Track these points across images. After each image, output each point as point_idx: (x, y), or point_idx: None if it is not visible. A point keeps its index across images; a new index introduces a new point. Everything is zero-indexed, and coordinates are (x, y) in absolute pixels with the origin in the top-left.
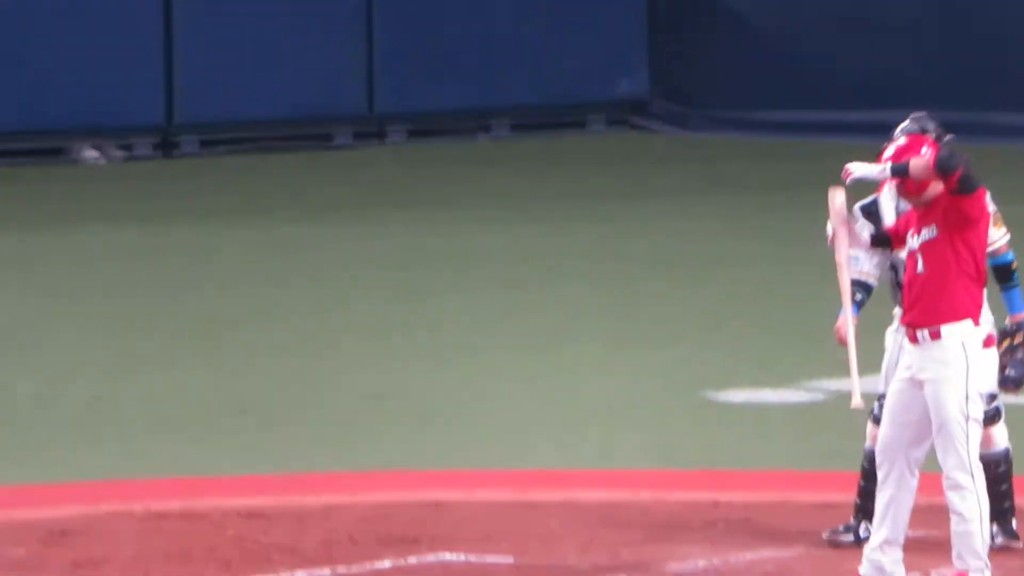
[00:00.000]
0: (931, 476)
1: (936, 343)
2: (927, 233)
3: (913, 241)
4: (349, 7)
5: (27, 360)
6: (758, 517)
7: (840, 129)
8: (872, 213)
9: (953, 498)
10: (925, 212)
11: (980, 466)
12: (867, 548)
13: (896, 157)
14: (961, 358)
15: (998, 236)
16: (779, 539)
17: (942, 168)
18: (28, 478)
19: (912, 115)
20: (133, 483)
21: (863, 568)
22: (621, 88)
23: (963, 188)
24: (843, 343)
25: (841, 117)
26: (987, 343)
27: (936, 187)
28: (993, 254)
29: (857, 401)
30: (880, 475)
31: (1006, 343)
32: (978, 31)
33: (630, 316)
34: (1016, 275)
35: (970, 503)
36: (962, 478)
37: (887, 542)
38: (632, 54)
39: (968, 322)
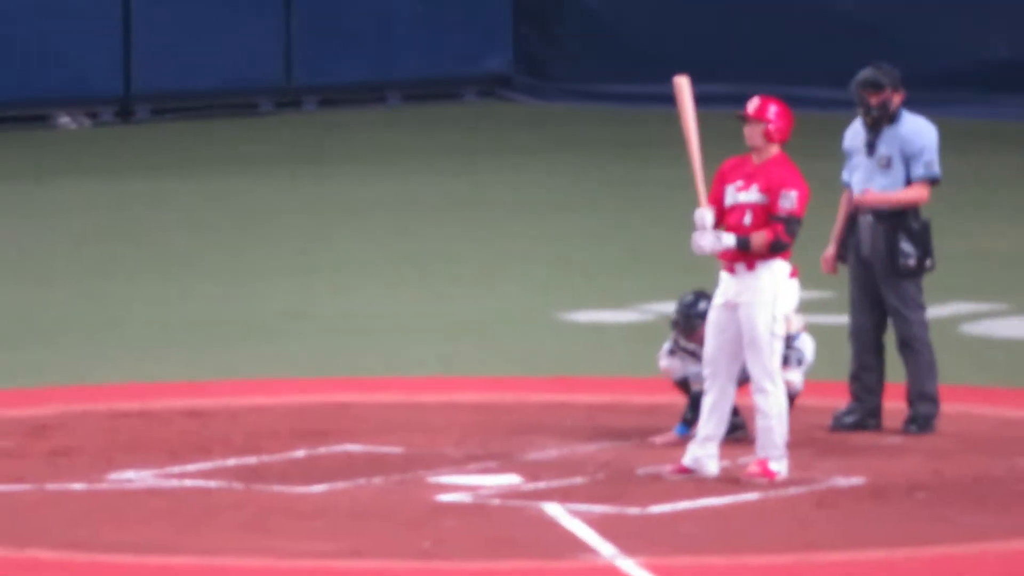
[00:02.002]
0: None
1: (751, 273)
2: (756, 194)
3: (741, 196)
4: None
5: (9, 283)
6: (600, 416)
7: (666, 99)
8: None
9: (759, 400)
10: (752, 173)
11: (781, 374)
12: (691, 443)
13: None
14: (771, 286)
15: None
16: (617, 434)
17: (775, 250)
18: (12, 383)
19: (872, 64)
20: (98, 388)
21: (685, 459)
22: (489, 65)
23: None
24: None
25: (666, 89)
26: (792, 274)
27: (770, 150)
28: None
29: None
30: (706, 384)
31: None
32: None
33: (495, 250)
34: None
35: (771, 403)
36: (767, 384)
37: (707, 438)
38: (498, 37)
39: (778, 259)
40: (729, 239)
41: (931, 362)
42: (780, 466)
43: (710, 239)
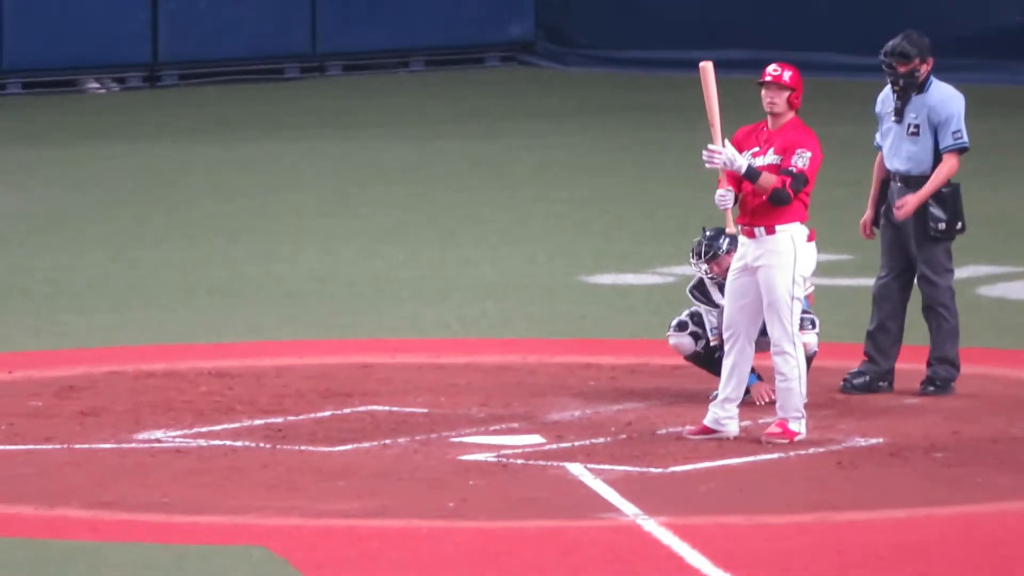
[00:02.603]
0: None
1: (771, 237)
2: (771, 156)
3: (759, 160)
4: None
5: (41, 246)
6: (622, 377)
7: (687, 64)
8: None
9: (779, 361)
10: (769, 137)
11: (800, 336)
12: (712, 404)
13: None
14: (790, 249)
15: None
16: (639, 394)
17: (775, 199)
18: (43, 345)
19: (902, 33)
20: (126, 349)
21: (707, 419)
22: (512, 32)
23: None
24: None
25: (687, 55)
26: (809, 237)
27: (788, 115)
28: None
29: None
30: (726, 347)
31: None
32: None
33: (517, 213)
34: None
35: (791, 365)
36: (786, 345)
37: (727, 399)
38: (521, 4)
39: (796, 222)
40: (741, 159)
41: (954, 327)
42: (800, 426)
43: (728, 153)
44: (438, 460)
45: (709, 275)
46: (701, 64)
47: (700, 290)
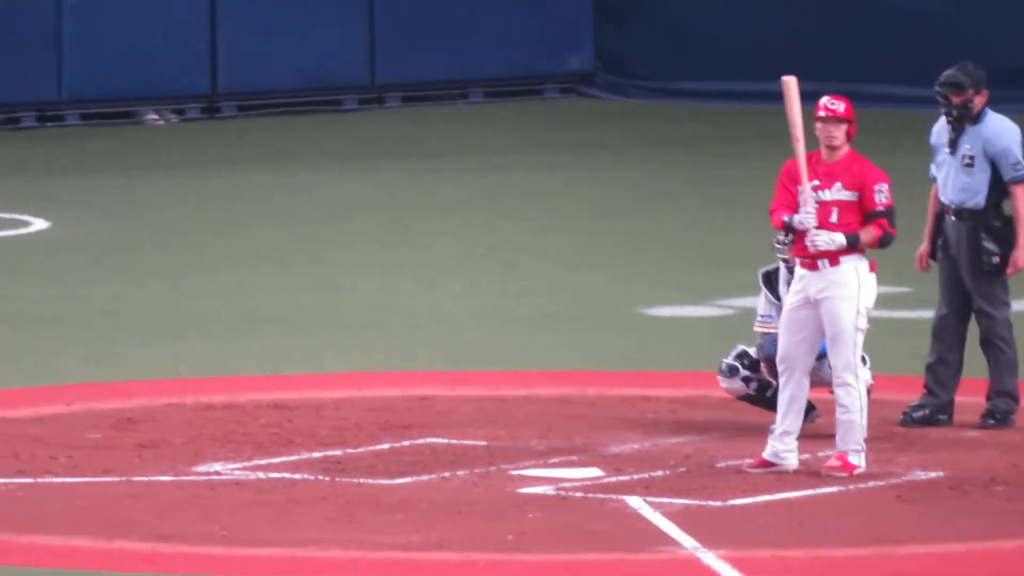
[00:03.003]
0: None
1: (835, 268)
2: (842, 192)
3: (824, 195)
4: None
5: (99, 277)
6: (681, 409)
7: (746, 96)
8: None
9: (840, 393)
10: (829, 172)
11: (863, 369)
12: (770, 437)
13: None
14: (854, 281)
15: None
16: (698, 427)
17: (885, 244)
18: (101, 377)
19: (958, 64)
20: (185, 381)
21: (766, 452)
22: (571, 63)
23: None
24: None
25: (746, 86)
26: (871, 268)
27: (844, 148)
28: None
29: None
30: (782, 380)
31: None
32: (867, 9)
33: (576, 245)
34: None
35: (853, 397)
36: (849, 378)
37: (786, 432)
38: (580, 35)
39: (858, 253)
40: (840, 238)
41: (1013, 360)
42: (859, 459)
43: (824, 238)
44: (497, 493)
45: (788, 263)
46: (784, 79)
47: (769, 279)
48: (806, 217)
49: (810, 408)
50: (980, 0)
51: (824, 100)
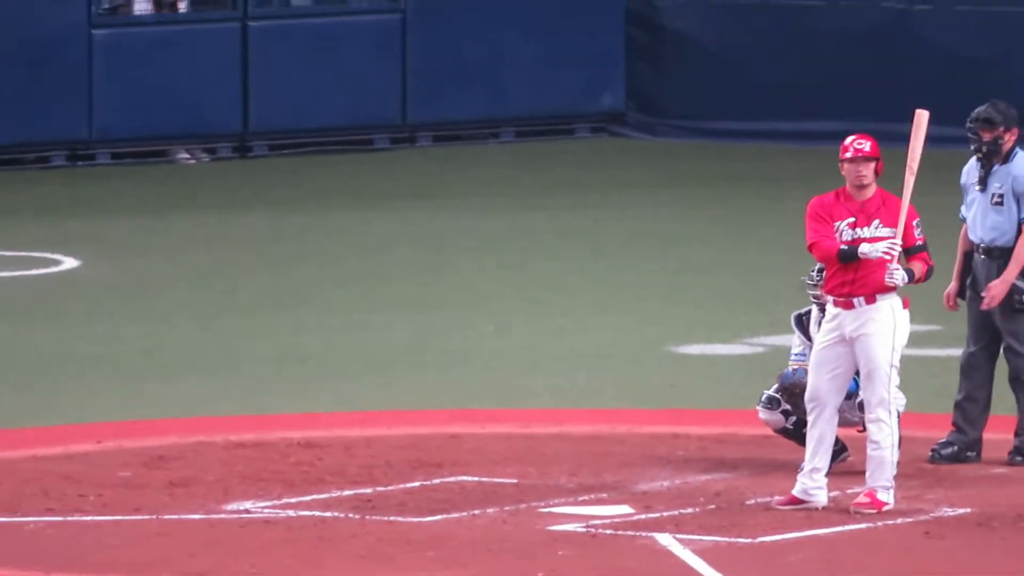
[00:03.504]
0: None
1: (871, 306)
2: (883, 229)
3: (864, 231)
4: (386, 35)
5: (131, 316)
6: (711, 447)
7: (777, 135)
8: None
9: (873, 429)
10: (864, 210)
11: (896, 405)
12: (800, 474)
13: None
14: (890, 318)
15: None
16: (727, 464)
17: (930, 276)
18: (133, 415)
19: (990, 101)
20: (216, 419)
21: (795, 489)
22: (603, 102)
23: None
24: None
25: (777, 125)
26: (904, 305)
27: (873, 185)
28: None
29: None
30: (811, 417)
31: None
32: (898, 49)
33: (608, 283)
34: None
35: (886, 434)
36: (882, 414)
37: (815, 469)
38: (612, 74)
39: (893, 291)
40: (903, 273)
41: None
42: (888, 496)
43: (901, 274)
44: (527, 530)
45: (818, 300)
46: (918, 111)
47: (801, 321)
48: (893, 245)
49: (842, 448)
50: (1011, 39)
51: (850, 140)
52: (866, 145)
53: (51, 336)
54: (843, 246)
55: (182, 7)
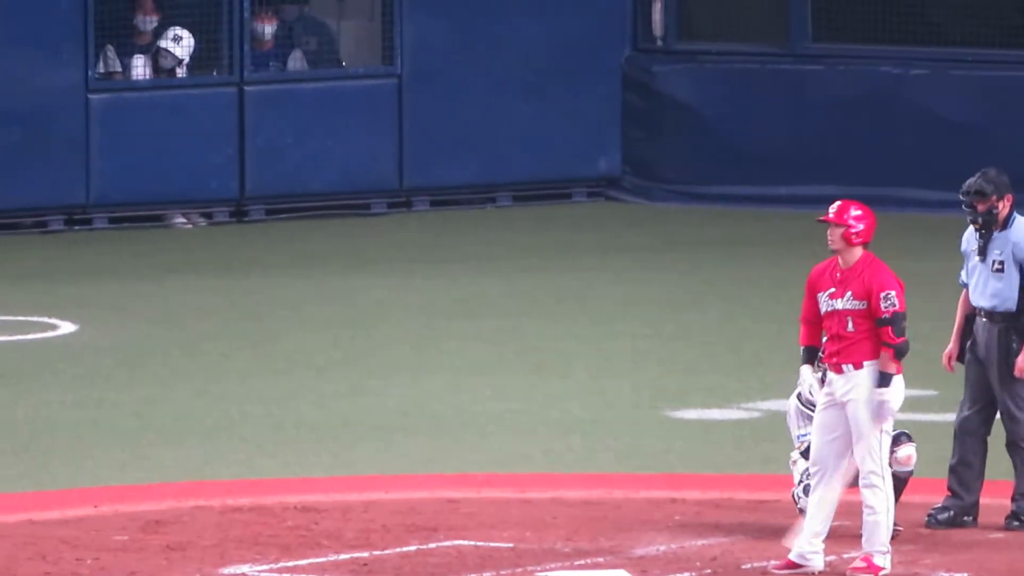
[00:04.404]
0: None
1: (859, 372)
2: (852, 302)
3: (837, 303)
4: (382, 100)
5: (128, 380)
6: (707, 511)
7: (773, 200)
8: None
9: (867, 494)
10: (842, 279)
11: (889, 470)
12: (797, 538)
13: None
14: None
15: None
16: (724, 529)
17: (899, 356)
18: (129, 479)
19: (980, 172)
20: (212, 483)
21: (792, 553)
22: (599, 167)
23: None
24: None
25: (773, 190)
26: (897, 370)
27: (855, 253)
28: None
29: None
30: (813, 481)
31: None
32: (894, 114)
33: (603, 347)
34: None
35: (880, 499)
36: (875, 479)
37: (815, 534)
38: (608, 139)
39: (884, 355)
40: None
41: None
42: (884, 561)
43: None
44: None
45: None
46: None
47: (800, 397)
48: (811, 389)
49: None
50: (1009, 104)
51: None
52: (831, 210)
53: (47, 400)
54: (802, 347)
55: (180, 73)
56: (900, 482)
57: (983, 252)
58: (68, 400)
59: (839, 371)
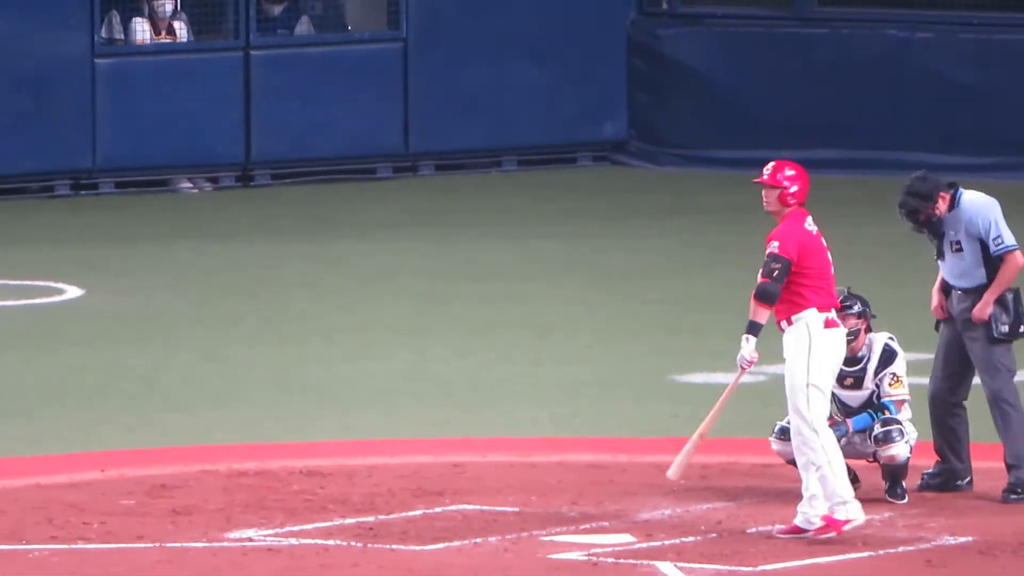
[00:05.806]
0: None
1: (790, 328)
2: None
3: None
4: (388, 64)
5: (134, 345)
6: (712, 475)
7: None
8: None
9: (803, 451)
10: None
11: (822, 423)
12: (800, 504)
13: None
14: (805, 336)
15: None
16: (729, 493)
17: (760, 298)
18: (136, 444)
19: (904, 188)
20: (218, 447)
21: (797, 518)
22: (605, 131)
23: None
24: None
25: (779, 155)
26: (829, 324)
27: (784, 212)
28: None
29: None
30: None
31: None
32: (901, 78)
33: (610, 312)
34: None
35: (818, 454)
36: (806, 432)
37: (814, 497)
38: (614, 103)
39: (812, 310)
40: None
41: (1022, 421)
42: (845, 512)
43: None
44: (528, 559)
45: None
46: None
47: None
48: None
49: (854, 478)
50: (1015, 67)
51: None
52: (764, 171)
53: (54, 365)
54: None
55: (179, 28)
56: (900, 468)
57: (941, 236)
58: (74, 365)
59: (781, 329)
